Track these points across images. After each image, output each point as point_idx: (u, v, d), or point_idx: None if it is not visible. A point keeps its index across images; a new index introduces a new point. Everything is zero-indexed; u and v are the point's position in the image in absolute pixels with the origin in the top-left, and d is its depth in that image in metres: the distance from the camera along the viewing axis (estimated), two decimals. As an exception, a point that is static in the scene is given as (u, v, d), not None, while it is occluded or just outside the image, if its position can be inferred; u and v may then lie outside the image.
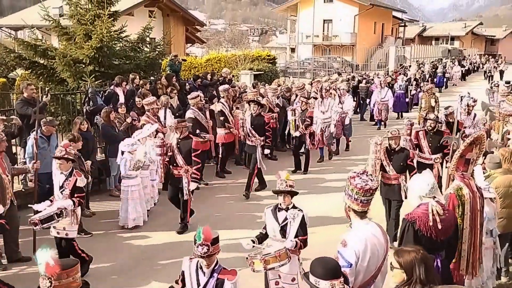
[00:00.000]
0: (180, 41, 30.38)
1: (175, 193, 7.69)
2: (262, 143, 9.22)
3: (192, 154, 7.47)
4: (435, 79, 25.64)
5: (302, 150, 11.04)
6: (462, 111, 9.96)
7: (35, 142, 7.02)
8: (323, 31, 43.10)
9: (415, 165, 7.18)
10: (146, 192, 8.09)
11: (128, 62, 12.77)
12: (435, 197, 4.12)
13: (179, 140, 7.52)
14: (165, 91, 10.83)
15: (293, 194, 5.05)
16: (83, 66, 11.69)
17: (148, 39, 13.84)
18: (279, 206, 5.07)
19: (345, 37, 40.92)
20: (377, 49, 39.06)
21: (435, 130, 8.10)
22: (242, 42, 76.23)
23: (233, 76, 16.17)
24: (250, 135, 9.30)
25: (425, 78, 23.37)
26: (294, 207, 5.03)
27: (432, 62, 32.65)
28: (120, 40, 12.79)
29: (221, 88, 10.94)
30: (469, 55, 46.40)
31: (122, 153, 7.68)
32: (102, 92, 10.47)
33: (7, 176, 6.22)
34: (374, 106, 16.47)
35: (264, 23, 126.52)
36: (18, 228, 6.59)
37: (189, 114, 9.70)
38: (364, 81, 18.71)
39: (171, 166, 7.58)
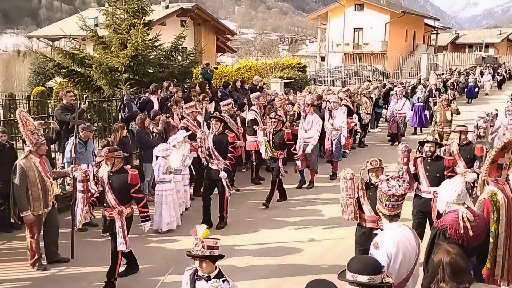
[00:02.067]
0: (211, 50, 30.81)
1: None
2: (223, 166, 7.96)
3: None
4: (465, 89, 24.36)
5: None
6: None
7: (74, 147, 7.25)
8: (354, 39, 42.91)
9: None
10: (179, 197, 8.25)
11: (161, 70, 13.07)
12: (464, 203, 4.09)
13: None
14: (198, 98, 11.02)
15: (214, 259, 3.77)
16: (119, 74, 12.02)
17: (180, 48, 14.12)
18: (197, 273, 3.84)
19: (376, 45, 40.64)
20: (409, 57, 38.61)
21: (434, 156, 6.50)
22: (272, 51, 76.52)
23: (264, 84, 16.29)
24: (213, 157, 8.05)
25: (454, 87, 21.28)
26: (218, 275, 3.77)
27: (466, 69, 31.86)
28: (154, 48, 13.11)
29: (252, 95, 11.06)
30: (504, 63, 45.31)
31: (157, 158, 7.87)
32: (137, 99, 10.73)
33: (49, 178, 6.46)
34: (390, 118, 14.74)
35: (294, 32, 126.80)
36: (58, 229, 6.82)
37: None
38: (395, 88, 18.47)
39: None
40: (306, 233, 7.72)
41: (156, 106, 10.34)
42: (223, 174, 7.88)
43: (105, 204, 6.12)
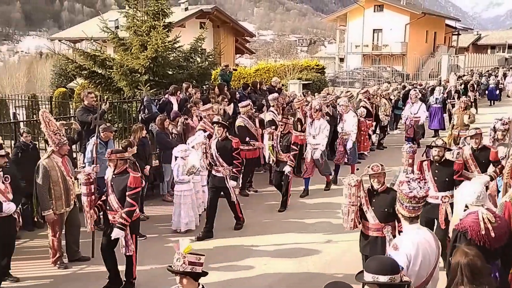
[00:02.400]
0: (230, 52, 30.93)
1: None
2: (229, 174, 7.74)
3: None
4: (486, 91, 23.89)
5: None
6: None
7: (95, 147, 7.36)
8: (373, 41, 42.62)
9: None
10: (198, 197, 8.30)
11: (181, 71, 13.17)
12: (483, 205, 4.04)
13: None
14: (216, 99, 11.09)
15: (196, 276, 3.59)
16: (139, 75, 12.16)
17: (199, 49, 14.23)
18: None
19: (396, 47, 40.29)
20: (429, 58, 38.18)
21: (442, 160, 6.30)
22: (291, 52, 76.52)
23: (282, 85, 16.30)
24: (217, 163, 7.80)
25: (474, 89, 20.63)
26: None
27: (488, 71, 31.32)
28: (174, 50, 13.23)
29: (270, 97, 11.09)
30: (528, 64, 44.45)
31: (176, 158, 7.94)
32: (156, 100, 10.84)
33: (71, 178, 6.58)
34: (405, 121, 14.15)
35: (312, 33, 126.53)
36: (79, 228, 6.92)
37: (239, 122, 9.89)
38: (411, 91, 18.23)
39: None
40: (324, 235, 7.70)
41: (175, 107, 10.43)
42: (232, 183, 7.76)
43: (108, 207, 5.96)
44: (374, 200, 5.25)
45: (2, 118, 15.27)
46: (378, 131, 14.23)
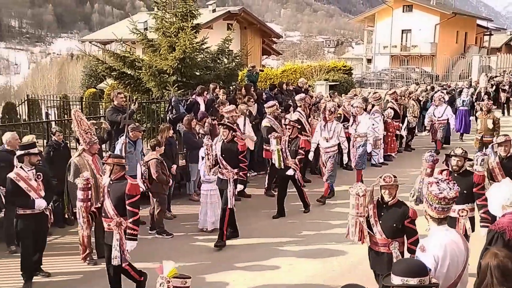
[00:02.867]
0: (256, 53, 30.99)
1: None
2: (234, 177, 7.39)
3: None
4: None
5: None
6: None
7: (124, 146, 7.50)
8: (401, 41, 42.04)
9: (415, 227, 4.94)
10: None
11: (208, 72, 13.27)
12: None
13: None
14: (243, 100, 11.14)
15: None
16: (167, 76, 12.30)
17: (227, 50, 14.31)
18: None
19: (425, 47, 39.64)
20: (459, 59, 37.44)
21: (462, 171, 5.91)
22: (318, 53, 76.17)
23: (309, 86, 16.26)
24: (221, 166, 7.48)
25: (506, 90, 20.11)
26: None
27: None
28: (201, 51, 13.34)
29: (297, 97, 11.09)
30: None
31: (202, 158, 8.01)
32: (184, 101, 10.97)
33: (101, 176, 6.72)
34: (428, 124, 13.77)
35: (340, 34, 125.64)
36: (108, 225, 7.05)
37: (265, 122, 9.91)
38: (444, 91, 17.97)
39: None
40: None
41: (202, 107, 10.53)
42: (240, 187, 7.52)
43: (103, 214, 5.74)
44: (382, 214, 4.96)
45: (34, 117, 15.65)
46: (405, 132, 14.04)
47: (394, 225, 4.87)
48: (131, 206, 5.48)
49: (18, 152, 6.30)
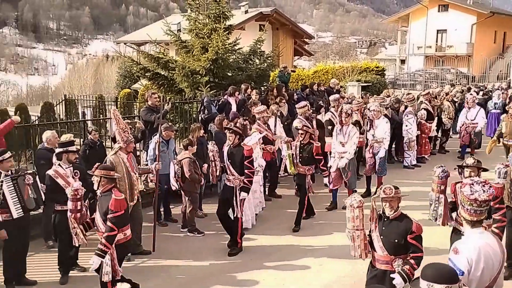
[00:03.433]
0: (288, 54, 30.99)
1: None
2: (241, 184, 7.08)
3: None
4: None
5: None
6: None
7: (157, 145, 7.65)
8: (436, 42, 41.24)
9: (420, 244, 4.50)
10: (255, 197, 8.39)
11: (240, 73, 13.39)
12: None
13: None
14: (275, 100, 11.19)
15: None
16: (200, 77, 12.47)
17: (258, 51, 14.39)
18: None
19: (461, 47, 38.76)
20: (497, 59, 36.46)
21: None
22: (350, 54, 75.48)
23: (341, 87, 16.18)
24: (228, 172, 7.26)
25: None
26: None
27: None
28: (234, 52, 13.47)
29: (332, 97, 11.06)
30: None
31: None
32: (216, 101, 11.09)
33: (135, 174, 6.88)
34: (460, 128, 12.98)
35: (373, 34, 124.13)
36: (141, 223, 7.22)
37: (296, 123, 9.93)
38: (481, 92, 17.53)
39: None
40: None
41: (234, 108, 10.63)
42: (243, 195, 7.11)
43: (95, 227, 5.65)
44: (384, 228, 4.58)
45: (71, 117, 16.11)
46: (440, 134, 13.79)
47: (396, 240, 4.50)
48: (111, 222, 5.22)
49: (57, 150, 6.53)
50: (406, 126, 11.78)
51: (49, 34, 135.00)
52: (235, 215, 7.16)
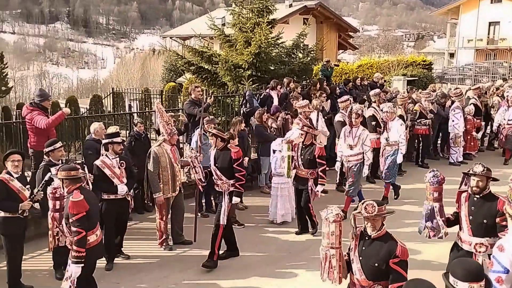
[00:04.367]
0: (332, 48, 30.67)
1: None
2: (230, 189, 6.67)
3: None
4: None
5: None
6: None
7: (199, 137, 7.80)
8: (488, 34, 39.68)
9: (403, 271, 3.85)
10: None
11: (282, 67, 13.40)
12: None
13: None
14: (316, 95, 11.14)
15: None
16: (242, 70, 12.58)
17: (302, 45, 14.34)
18: None
19: (515, 40, 37.17)
20: (554, 53, 34.75)
21: (484, 194, 4.69)
22: (396, 48, 73.77)
23: (385, 81, 15.90)
24: (216, 177, 6.84)
25: None
26: None
27: None
28: (276, 46, 13.51)
29: (372, 92, 10.91)
30: None
31: (274, 151, 8.13)
32: (258, 95, 11.16)
33: (178, 165, 7.05)
34: (497, 128, 12.15)
35: (420, 27, 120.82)
36: (183, 213, 7.39)
37: (338, 117, 9.87)
38: (506, 93, 16.63)
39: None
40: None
41: (276, 101, 10.65)
42: (235, 200, 6.70)
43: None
44: (364, 248, 3.98)
45: (118, 109, 16.59)
46: (488, 130, 13.34)
47: (376, 264, 3.88)
48: (74, 226, 4.85)
49: (104, 141, 6.78)
50: (453, 121, 11.47)
51: (99, 28, 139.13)
52: (221, 222, 6.58)
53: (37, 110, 7.46)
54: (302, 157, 7.50)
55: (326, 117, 10.49)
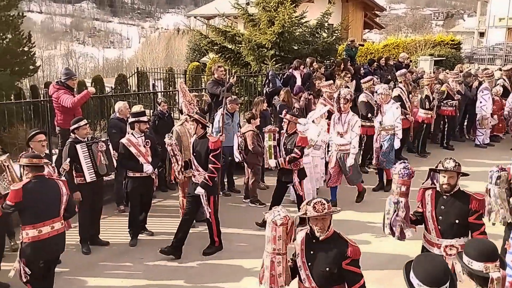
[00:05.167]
0: (357, 27, 30.11)
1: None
2: (203, 181, 6.23)
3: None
4: None
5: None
6: None
7: (222, 117, 7.84)
8: (521, 13, 38.40)
9: (358, 269, 3.61)
10: (316, 171, 8.40)
11: (306, 46, 13.28)
12: None
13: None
14: (340, 75, 11.04)
15: None
16: (265, 50, 12.52)
17: (326, 24, 14.16)
18: None
19: (550, 19, 35.88)
20: None
21: (454, 192, 4.30)
22: (424, 27, 72.07)
23: (411, 61, 15.62)
24: (193, 167, 6.41)
25: None
26: None
27: None
28: (300, 25, 13.37)
29: (398, 72, 10.77)
30: None
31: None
32: (281, 74, 11.11)
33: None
34: (508, 113, 11.56)
35: (450, 6, 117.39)
36: (205, 192, 7.49)
37: (362, 98, 9.78)
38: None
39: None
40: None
41: (298, 81, 10.61)
42: (199, 190, 6.24)
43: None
44: (312, 253, 3.65)
45: (143, 89, 16.74)
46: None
47: (328, 269, 3.56)
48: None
49: (130, 120, 6.90)
50: (481, 102, 11.26)
51: (124, 8, 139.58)
52: (206, 216, 6.40)
53: (63, 89, 7.61)
54: (284, 146, 6.98)
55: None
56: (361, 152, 9.94)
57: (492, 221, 4.82)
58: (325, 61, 13.40)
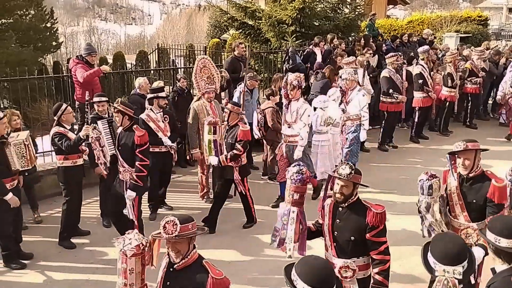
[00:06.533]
0: (381, 2, 29.39)
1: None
2: (128, 179, 5.67)
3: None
4: None
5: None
6: None
7: (242, 94, 7.84)
8: (553, -13, 37.07)
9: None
10: (336, 149, 8.35)
11: (327, 23, 13.05)
12: None
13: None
14: (361, 52, 10.86)
15: None
16: (286, 26, 12.35)
17: (349, 0, 13.89)
18: None
19: None
20: None
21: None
22: (450, 2, 70.08)
23: (435, 38, 15.26)
24: (119, 163, 5.79)
25: None
26: None
27: None
28: (321, 1, 13.12)
29: (420, 49, 10.56)
30: None
31: (315, 109, 8.06)
32: (301, 51, 10.99)
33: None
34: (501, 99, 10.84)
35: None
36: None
37: (384, 73, 9.67)
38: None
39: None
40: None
41: (319, 58, 10.48)
42: (130, 194, 5.64)
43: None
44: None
45: (163, 65, 16.78)
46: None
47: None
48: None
49: (149, 95, 6.95)
50: (506, 82, 10.94)
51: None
52: (130, 218, 5.81)
53: (81, 63, 7.69)
54: (225, 140, 6.38)
55: (371, 75, 10.25)
56: (381, 130, 9.85)
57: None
58: (347, 38, 13.18)
